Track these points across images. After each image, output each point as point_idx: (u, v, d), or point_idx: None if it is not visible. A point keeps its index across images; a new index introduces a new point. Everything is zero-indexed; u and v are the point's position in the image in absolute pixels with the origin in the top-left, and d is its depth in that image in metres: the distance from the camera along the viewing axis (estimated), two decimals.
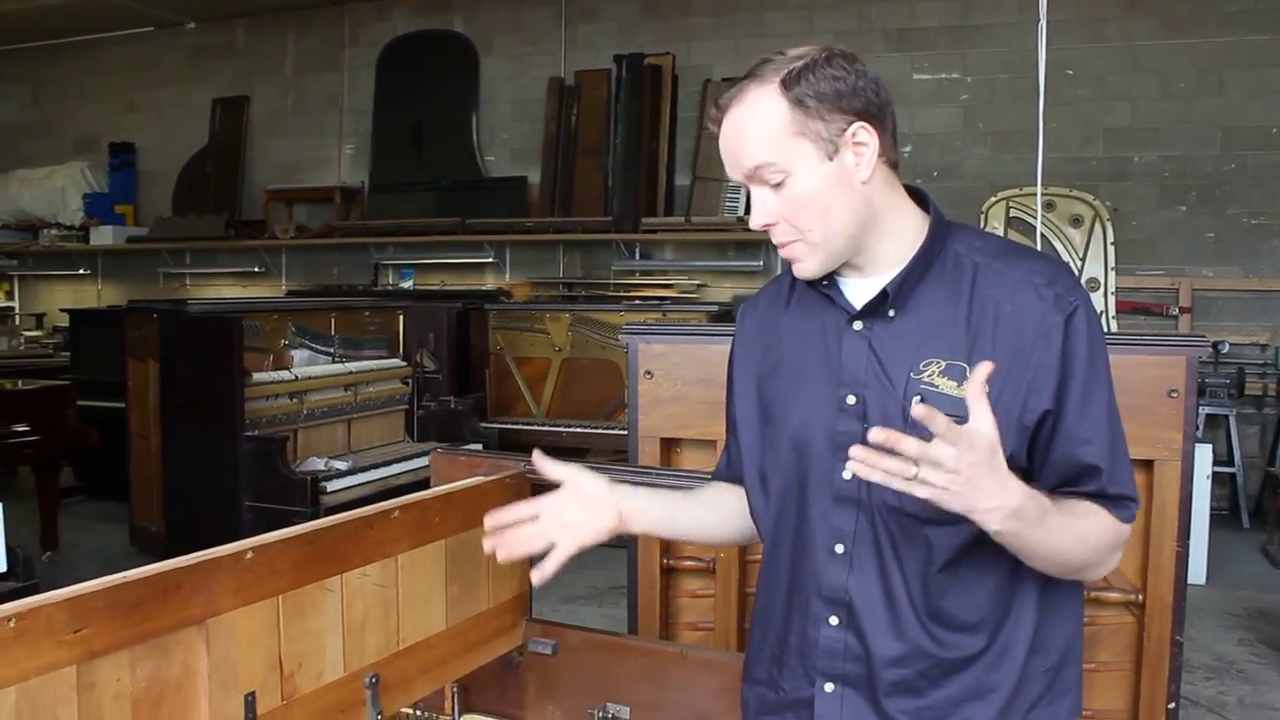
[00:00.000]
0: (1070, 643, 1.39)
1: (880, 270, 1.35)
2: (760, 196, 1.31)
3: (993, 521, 1.17)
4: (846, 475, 1.31)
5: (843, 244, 1.32)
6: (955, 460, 1.10)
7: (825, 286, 1.38)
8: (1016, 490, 1.17)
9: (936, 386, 1.29)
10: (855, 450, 1.13)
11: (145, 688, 1.23)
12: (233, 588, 1.33)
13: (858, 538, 1.33)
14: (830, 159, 1.28)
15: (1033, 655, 1.34)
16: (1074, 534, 1.26)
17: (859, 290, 1.37)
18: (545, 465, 1.53)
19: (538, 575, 1.44)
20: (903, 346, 1.32)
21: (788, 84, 1.27)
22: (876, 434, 1.10)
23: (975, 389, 1.14)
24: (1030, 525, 1.19)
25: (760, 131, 1.28)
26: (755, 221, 1.33)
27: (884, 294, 1.33)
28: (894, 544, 1.31)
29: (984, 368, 1.14)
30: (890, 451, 1.11)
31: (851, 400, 1.33)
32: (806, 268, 1.34)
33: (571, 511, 1.45)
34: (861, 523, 1.32)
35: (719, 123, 1.33)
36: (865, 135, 1.29)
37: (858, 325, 1.35)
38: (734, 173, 1.33)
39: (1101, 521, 1.30)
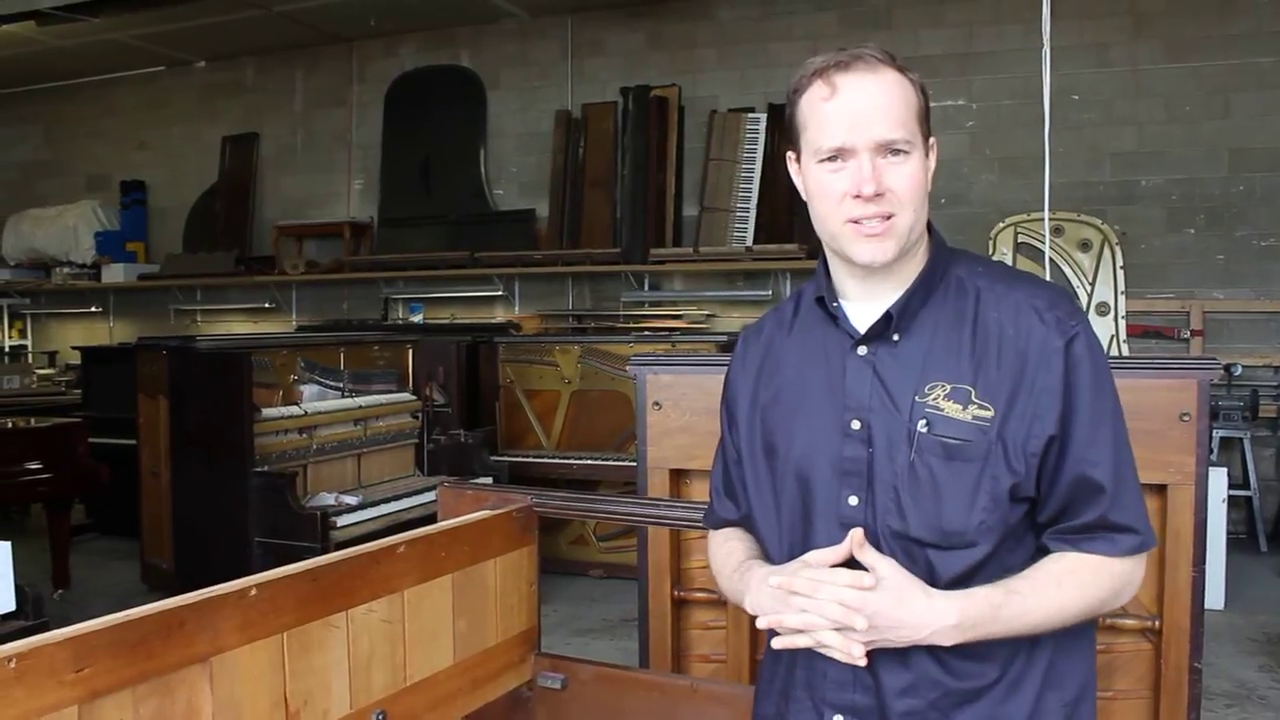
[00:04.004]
0: (1087, 677, 1.37)
1: (885, 294, 1.35)
2: (874, 166, 1.29)
3: (943, 640, 1.23)
4: (852, 501, 1.30)
5: (911, 240, 1.33)
6: (865, 611, 1.21)
7: (834, 308, 1.38)
8: (948, 608, 1.23)
9: (942, 410, 1.28)
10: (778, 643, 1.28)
11: None
12: (237, 625, 1.32)
13: None
14: (927, 156, 1.35)
15: (1048, 689, 1.31)
16: (1050, 607, 1.27)
17: (861, 314, 1.37)
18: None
19: None
20: (907, 370, 1.32)
21: (910, 76, 1.33)
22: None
23: (858, 545, 1.24)
24: (988, 624, 1.24)
25: (903, 103, 1.31)
26: (866, 188, 1.28)
27: (887, 317, 1.33)
28: None
29: (854, 535, 1.25)
30: None
31: (856, 425, 1.32)
32: (888, 247, 1.30)
33: None
34: None
35: (835, 85, 1.30)
36: (933, 154, 1.36)
37: (862, 350, 1.35)
38: (856, 136, 1.29)
39: (1086, 576, 1.28)
